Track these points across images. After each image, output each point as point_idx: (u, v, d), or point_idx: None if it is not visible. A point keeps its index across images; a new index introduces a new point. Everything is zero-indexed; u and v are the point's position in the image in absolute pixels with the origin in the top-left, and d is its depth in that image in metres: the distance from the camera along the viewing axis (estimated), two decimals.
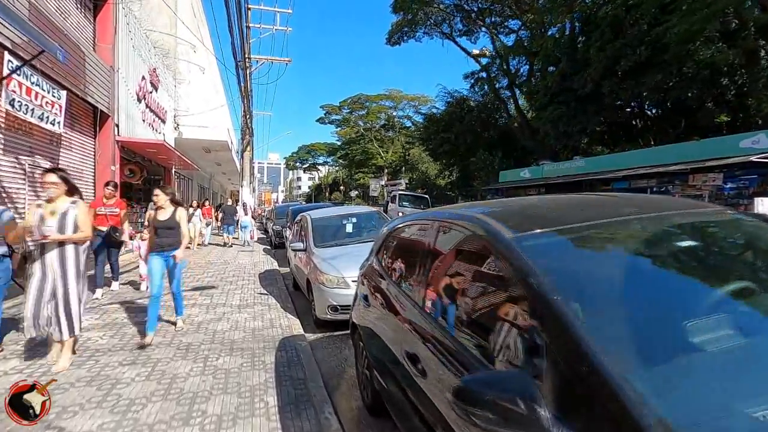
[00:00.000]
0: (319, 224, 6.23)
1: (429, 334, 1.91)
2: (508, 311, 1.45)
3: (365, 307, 2.89)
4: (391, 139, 53.74)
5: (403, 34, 26.88)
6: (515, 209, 2.13)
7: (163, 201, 4.67)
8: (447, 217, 2.12)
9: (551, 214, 1.90)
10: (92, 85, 8.57)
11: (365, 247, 5.68)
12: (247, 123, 18.25)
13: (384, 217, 6.74)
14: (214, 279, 8.10)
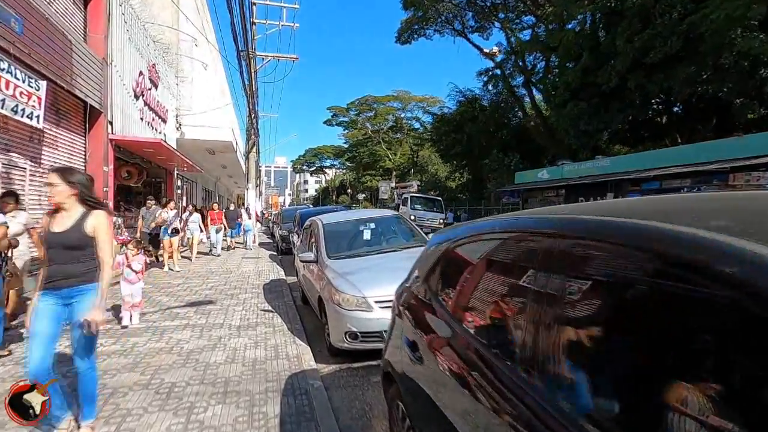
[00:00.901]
0: (332, 231, 5.33)
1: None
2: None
3: (412, 360, 1.97)
4: (399, 141, 52.92)
5: (413, 31, 26.05)
6: (754, 212, 1.07)
7: (61, 195, 2.53)
8: (582, 227, 1.19)
9: None
10: (81, 78, 7.78)
11: (388, 258, 4.78)
12: (253, 122, 17.47)
13: (405, 221, 5.82)
14: (213, 292, 7.23)
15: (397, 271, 4.52)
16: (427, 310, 1.98)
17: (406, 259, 4.85)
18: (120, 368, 3.69)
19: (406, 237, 5.46)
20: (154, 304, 6.21)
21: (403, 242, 5.30)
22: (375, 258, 4.71)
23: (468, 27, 25.94)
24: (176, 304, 6.22)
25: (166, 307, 6.01)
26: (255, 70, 17.21)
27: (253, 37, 16.51)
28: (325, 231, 5.27)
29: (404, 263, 4.81)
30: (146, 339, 4.52)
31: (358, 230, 5.46)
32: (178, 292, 7.10)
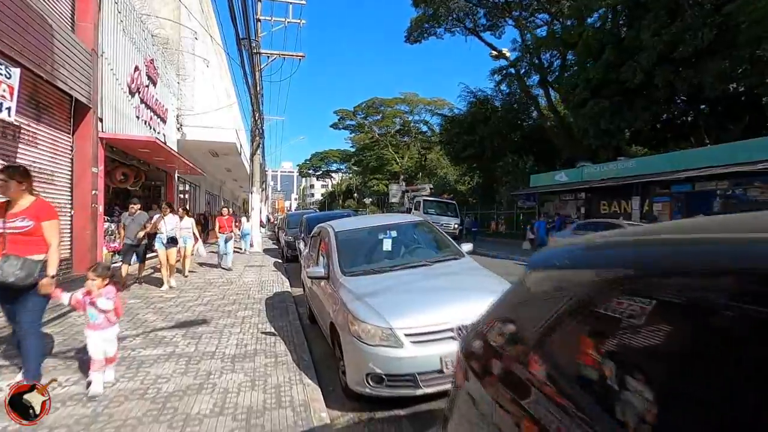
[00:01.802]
0: (346, 240, 4.43)
1: None
2: None
3: None
4: (407, 145, 52.07)
5: (423, 30, 25.26)
6: None
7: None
8: None
9: None
10: (65, 68, 7.00)
11: (417, 275, 3.84)
12: (257, 123, 16.70)
13: (433, 228, 4.90)
14: (208, 308, 6.36)
15: (431, 293, 3.61)
16: (548, 394, 1.06)
17: (441, 277, 3.95)
18: (71, 424, 2.81)
19: (436, 247, 4.56)
20: (137, 324, 5.35)
21: (432, 254, 4.39)
22: (401, 275, 3.81)
23: (480, 26, 25.09)
24: (163, 324, 5.36)
25: (150, 328, 5.14)
26: (260, 69, 16.47)
27: (257, 33, 15.77)
28: (337, 240, 4.38)
29: (439, 281, 3.76)
30: (117, 375, 3.64)
31: (377, 239, 4.56)
32: (168, 309, 6.24)
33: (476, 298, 3.35)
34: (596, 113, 16.88)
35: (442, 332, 3.06)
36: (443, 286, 3.52)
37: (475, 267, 4.06)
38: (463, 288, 3.49)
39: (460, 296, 3.34)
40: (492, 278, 3.79)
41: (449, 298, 3.31)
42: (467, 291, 3.43)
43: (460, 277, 3.79)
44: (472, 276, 3.84)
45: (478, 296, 3.37)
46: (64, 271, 7.60)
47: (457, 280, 3.71)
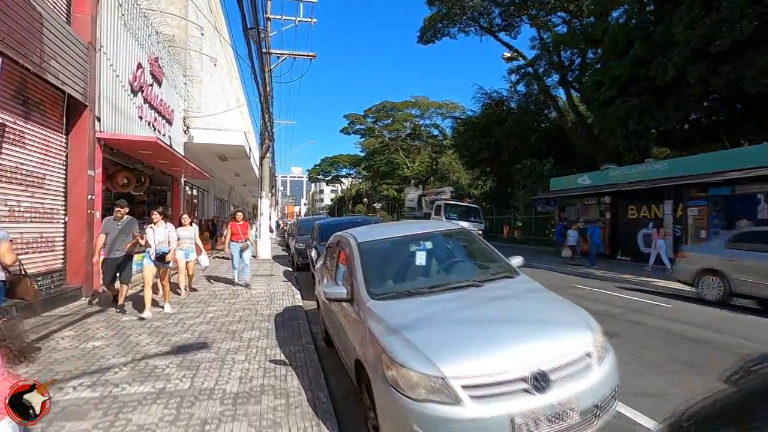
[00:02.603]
0: (371, 253, 3.64)
1: None
2: None
3: None
4: (417, 149, 51.33)
5: (436, 30, 24.55)
6: None
7: None
8: None
9: None
10: (56, 61, 6.38)
11: (467, 299, 2.90)
12: (267, 125, 16.08)
13: (475, 238, 4.09)
14: (210, 327, 5.62)
15: (489, 325, 2.58)
16: None
17: (497, 302, 2.89)
18: None
19: (482, 262, 3.74)
20: (128, 348, 4.62)
21: (479, 271, 3.58)
22: (444, 299, 3.01)
23: (495, 26, 24.31)
24: (157, 349, 4.63)
25: (141, 355, 4.41)
26: (270, 69, 15.86)
27: (267, 32, 15.19)
28: (361, 254, 3.60)
29: (497, 309, 2.82)
30: (88, 426, 2.90)
31: (409, 252, 3.77)
32: (165, 328, 5.52)
33: (552, 334, 2.54)
34: (624, 113, 15.92)
35: (512, 383, 2.27)
36: (504, 317, 2.72)
37: (538, 288, 3.25)
38: (532, 319, 2.69)
39: (531, 331, 2.54)
40: (564, 304, 2.98)
41: (516, 334, 2.51)
42: (539, 324, 2.62)
43: (522, 302, 2.98)
44: (539, 301, 3.03)
45: (555, 331, 2.56)
46: (56, 284, 6.96)
47: (519, 307, 2.90)
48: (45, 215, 6.67)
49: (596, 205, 19.36)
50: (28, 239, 6.25)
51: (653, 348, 4.89)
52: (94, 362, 4.16)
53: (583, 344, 2.50)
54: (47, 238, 6.74)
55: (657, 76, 14.76)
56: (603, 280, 11.04)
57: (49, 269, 6.80)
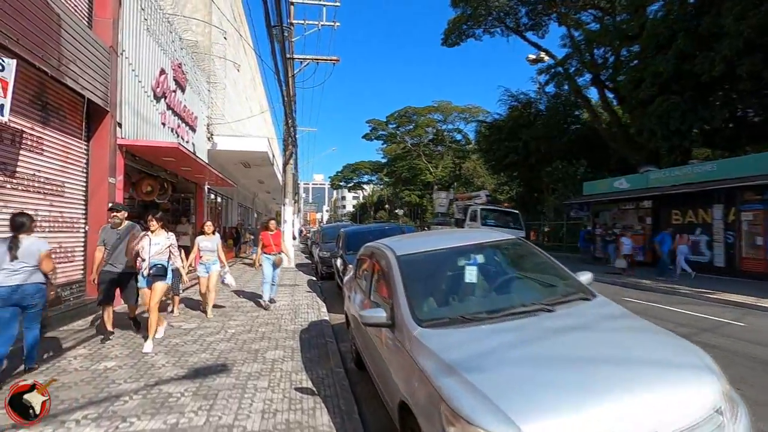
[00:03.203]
0: (413, 268, 3.09)
1: None
2: None
3: None
4: (440, 154, 50.65)
5: (461, 32, 23.98)
6: None
7: None
8: None
9: None
10: (75, 65, 6.15)
11: (536, 330, 2.18)
12: (290, 131, 15.83)
13: (535, 251, 3.47)
14: (231, 345, 5.18)
15: (581, 366, 1.86)
16: None
17: (578, 333, 2.19)
18: None
19: (547, 280, 3.13)
20: (142, 370, 4.21)
21: (547, 292, 2.98)
22: (511, 328, 2.43)
23: (522, 25, 23.56)
24: (172, 372, 4.20)
25: (156, 379, 3.98)
26: (293, 75, 15.64)
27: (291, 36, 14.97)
28: (402, 269, 3.05)
29: (580, 342, 2.12)
30: None
31: (457, 268, 3.21)
32: (183, 346, 5.11)
33: (668, 382, 1.92)
34: (665, 111, 14.93)
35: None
36: (595, 355, 2.12)
37: (626, 315, 2.63)
38: (634, 359, 2.07)
39: (637, 377, 1.93)
40: (670, 339, 2.35)
41: (618, 381, 1.91)
42: (645, 367, 2.01)
43: (612, 335, 2.36)
44: (634, 333, 2.40)
45: (670, 378, 1.94)
46: (76, 296, 6.70)
47: (611, 341, 2.29)
48: (64, 224, 6.43)
49: (634, 210, 18.26)
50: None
51: (748, 380, 4.14)
52: (103, 388, 3.76)
53: (709, 397, 1.88)
54: (66, 248, 6.49)
55: (703, 71, 13.78)
56: (655, 292, 10.14)
57: (69, 280, 6.55)
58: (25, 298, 3.80)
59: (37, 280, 3.91)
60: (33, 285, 3.86)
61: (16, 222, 3.86)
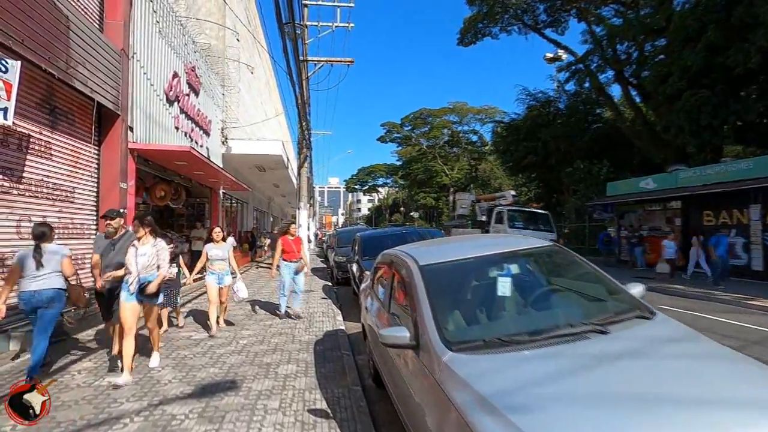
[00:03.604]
0: (439, 280, 2.73)
1: None
2: None
3: None
4: (456, 156, 50.04)
5: (477, 31, 23.53)
6: None
7: None
8: None
9: None
10: (85, 67, 6.01)
11: (589, 355, 1.77)
12: (304, 134, 15.64)
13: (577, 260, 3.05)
14: (242, 358, 4.90)
15: (655, 406, 1.35)
16: None
17: (647, 361, 1.75)
18: None
19: (595, 295, 2.73)
20: (146, 389, 3.95)
21: (596, 309, 2.57)
22: (560, 354, 2.04)
23: (540, 22, 22.98)
24: (178, 390, 3.92)
25: (160, 398, 3.72)
26: (307, 77, 15.47)
27: (304, 39, 14.81)
28: (426, 281, 2.69)
29: (656, 376, 1.69)
30: None
31: (489, 280, 2.84)
32: (191, 360, 4.85)
33: None
34: (695, 106, 14.20)
35: None
36: (672, 392, 1.72)
37: (695, 336, 2.23)
38: (726, 400, 1.67)
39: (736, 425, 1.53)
40: (754, 368, 1.95)
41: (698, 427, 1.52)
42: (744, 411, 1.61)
43: (684, 363, 1.95)
44: (712, 362, 1.99)
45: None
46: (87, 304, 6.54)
47: (687, 372, 1.88)
48: (74, 231, 6.28)
49: (661, 211, 17.49)
50: None
51: None
52: (104, 408, 3.50)
53: None
54: (77, 255, 6.32)
55: (737, 63, 13.04)
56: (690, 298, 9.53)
57: None
58: (42, 300, 3.95)
59: (56, 285, 4.07)
60: (52, 290, 4.02)
61: (36, 232, 4.08)
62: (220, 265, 6.13)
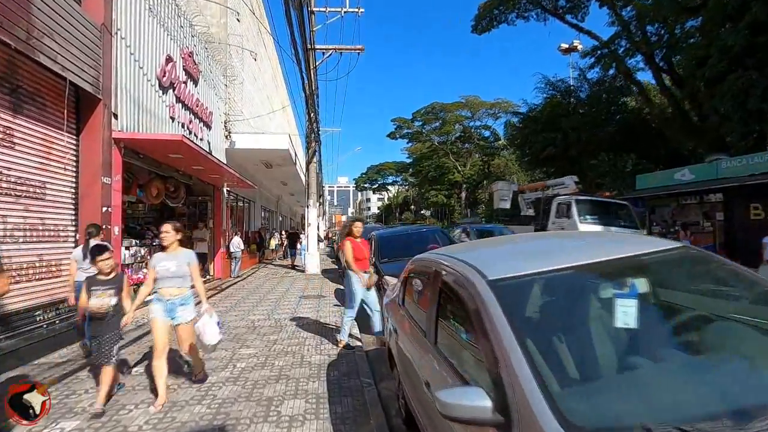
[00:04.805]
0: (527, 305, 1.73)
1: None
2: None
3: None
4: (468, 152, 48.72)
5: (492, 18, 22.34)
6: None
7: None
8: None
9: None
10: (52, 39, 5.09)
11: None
12: (312, 126, 14.68)
13: (728, 267, 2.01)
14: (238, 390, 3.92)
15: None
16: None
17: None
18: None
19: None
20: None
21: None
22: None
23: (560, 8, 21.69)
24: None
25: None
26: (315, 66, 14.51)
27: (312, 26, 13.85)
28: (506, 308, 1.68)
29: None
30: None
31: (601, 304, 1.80)
32: (174, 391, 3.89)
33: None
34: (742, 89, 12.90)
35: None
36: None
37: None
38: None
39: None
40: None
41: None
42: None
43: None
44: None
45: None
46: (63, 317, 5.62)
47: None
48: (45, 233, 5.37)
49: (698, 205, 16.15)
50: (20, 264, 4.95)
51: None
52: None
53: None
54: (49, 261, 5.44)
55: None
56: None
57: (54, 299, 5.50)
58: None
59: None
60: None
61: (87, 230, 4.96)
62: (171, 287, 3.69)
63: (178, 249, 3.80)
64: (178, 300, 3.73)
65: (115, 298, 3.50)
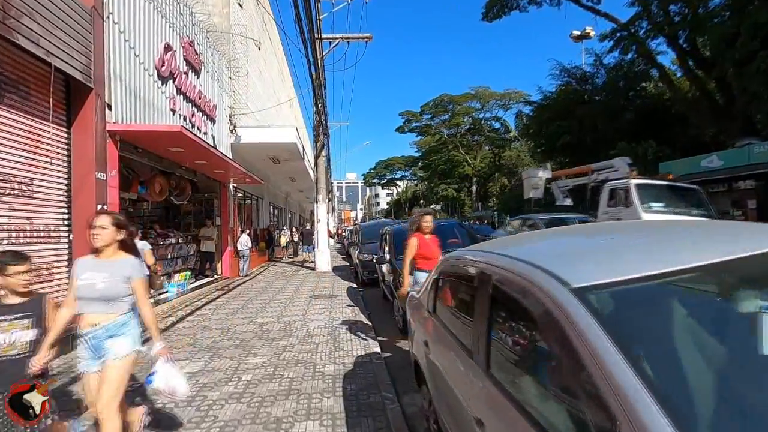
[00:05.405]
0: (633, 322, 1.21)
1: None
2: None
3: None
4: (479, 144, 47.84)
5: (503, 4, 21.52)
6: None
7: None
8: None
9: None
10: (35, 21, 4.62)
11: None
12: (321, 118, 14.16)
13: None
14: (242, 408, 3.44)
15: None
16: None
17: None
18: None
19: None
20: None
21: None
22: None
23: None
24: None
25: None
26: (322, 56, 13.97)
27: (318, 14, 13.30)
28: (608, 330, 1.15)
29: None
30: None
31: (742, 323, 1.26)
32: (169, 408, 3.42)
33: None
34: None
35: None
36: None
37: None
38: None
39: None
40: None
41: None
42: None
43: None
44: None
45: None
46: None
47: None
48: (34, 233, 4.95)
49: (727, 192, 15.34)
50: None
51: None
52: None
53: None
54: (39, 264, 5.01)
55: None
56: None
57: None
58: None
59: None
60: None
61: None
62: (94, 312, 2.46)
63: (118, 255, 2.52)
64: (101, 331, 2.42)
65: (34, 330, 2.34)
